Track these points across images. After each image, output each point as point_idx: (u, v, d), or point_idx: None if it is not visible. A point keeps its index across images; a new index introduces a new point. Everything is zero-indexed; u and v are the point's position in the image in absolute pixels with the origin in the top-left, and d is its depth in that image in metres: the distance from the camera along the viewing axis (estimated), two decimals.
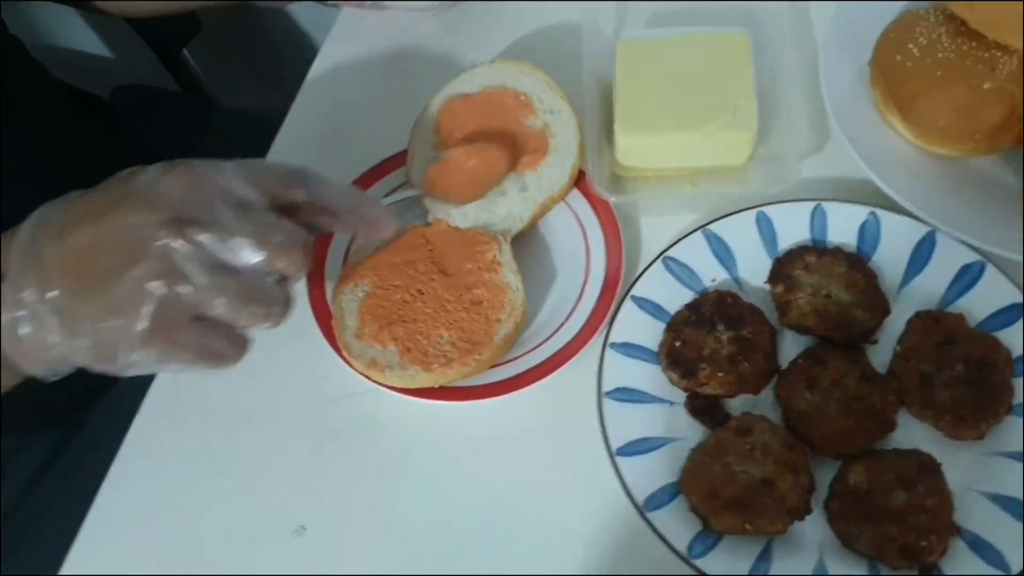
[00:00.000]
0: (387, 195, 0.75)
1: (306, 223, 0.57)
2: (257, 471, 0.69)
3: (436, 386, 0.67)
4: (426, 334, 0.68)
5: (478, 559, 0.64)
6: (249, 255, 0.53)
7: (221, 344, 0.54)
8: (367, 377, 0.68)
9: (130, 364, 0.53)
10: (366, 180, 0.77)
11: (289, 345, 0.70)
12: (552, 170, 0.73)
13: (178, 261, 0.52)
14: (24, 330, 0.53)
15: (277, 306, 0.55)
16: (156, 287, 0.51)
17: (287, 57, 1.43)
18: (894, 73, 0.72)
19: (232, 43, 1.33)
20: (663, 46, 0.76)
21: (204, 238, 0.52)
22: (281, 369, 0.72)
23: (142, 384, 0.73)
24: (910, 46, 0.71)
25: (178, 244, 0.51)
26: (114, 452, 0.72)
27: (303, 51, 1.33)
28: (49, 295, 0.52)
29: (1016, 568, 0.57)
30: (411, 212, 0.74)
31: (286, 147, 0.83)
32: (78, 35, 1.38)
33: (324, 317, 0.71)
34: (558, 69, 0.76)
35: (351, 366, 0.68)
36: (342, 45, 0.89)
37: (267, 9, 1.26)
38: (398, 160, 0.77)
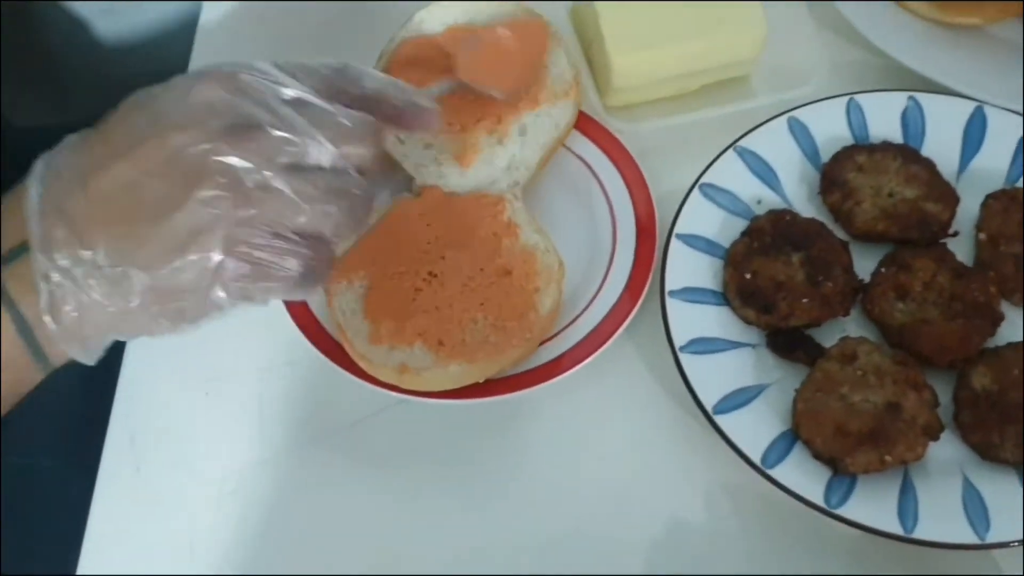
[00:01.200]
0: None
1: None
2: (276, 528, 0.67)
3: (482, 381, 0.67)
4: (457, 321, 0.67)
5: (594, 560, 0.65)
6: (321, 151, 0.53)
7: (308, 254, 0.54)
8: (396, 389, 0.66)
9: (212, 306, 0.53)
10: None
11: (277, 375, 0.70)
12: (552, 108, 0.74)
13: (244, 174, 0.51)
14: (67, 306, 0.51)
15: (361, 203, 0.55)
16: (225, 207, 0.51)
17: (66, 58, 1.36)
18: None
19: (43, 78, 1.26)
20: None
21: (267, 141, 0.52)
22: (274, 404, 0.71)
23: None
24: None
25: (239, 154, 0.51)
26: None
27: (90, 49, 1.28)
28: (89, 254, 0.51)
29: None
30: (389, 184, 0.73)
31: None
32: None
33: (313, 329, 0.70)
34: None
35: (372, 381, 0.67)
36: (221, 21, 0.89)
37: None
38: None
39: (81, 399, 0.79)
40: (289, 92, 0.54)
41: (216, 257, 0.51)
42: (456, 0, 0.77)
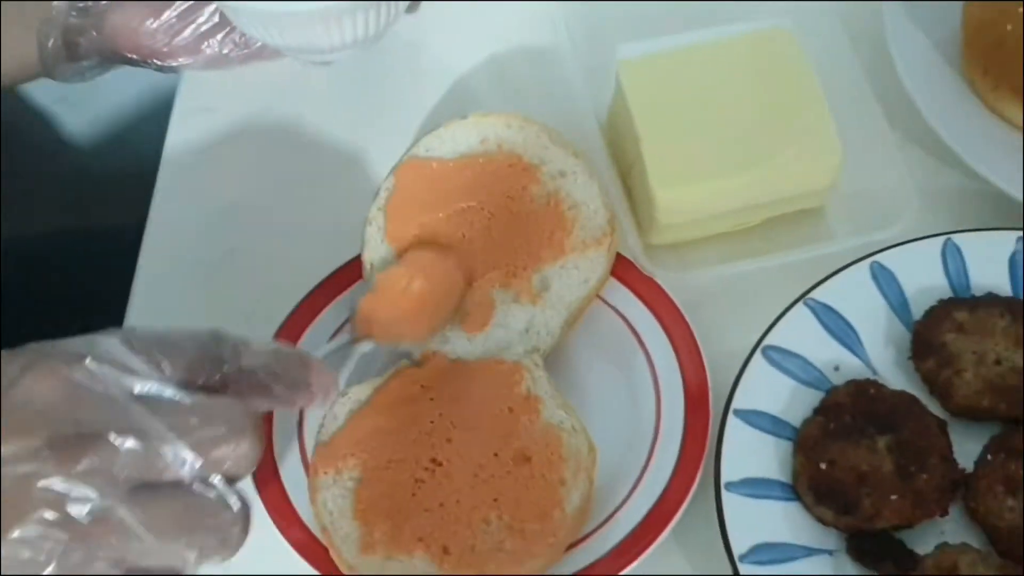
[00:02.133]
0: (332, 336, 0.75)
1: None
2: None
3: None
4: (466, 522, 0.66)
5: None
6: (180, 463, 0.52)
7: None
8: None
9: None
10: (294, 323, 0.76)
11: None
12: (581, 256, 0.74)
13: (77, 504, 0.50)
14: None
15: (232, 526, 0.54)
16: (52, 549, 0.50)
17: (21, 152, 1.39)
18: (1003, 46, 0.78)
19: None
20: (679, 60, 0.79)
21: (108, 455, 0.50)
22: None
23: None
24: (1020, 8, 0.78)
25: (71, 477, 0.50)
26: None
27: (46, 141, 1.30)
28: None
29: None
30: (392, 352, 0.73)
31: (151, 302, 0.81)
32: None
33: (293, 529, 0.69)
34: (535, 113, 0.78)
35: None
36: (197, 124, 0.89)
37: None
38: (342, 277, 0.77)
39: None
40: (141, 384, 0.52)
41: None
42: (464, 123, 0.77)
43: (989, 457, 0.67)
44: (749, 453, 0.69)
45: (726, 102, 0.77)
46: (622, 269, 0.75)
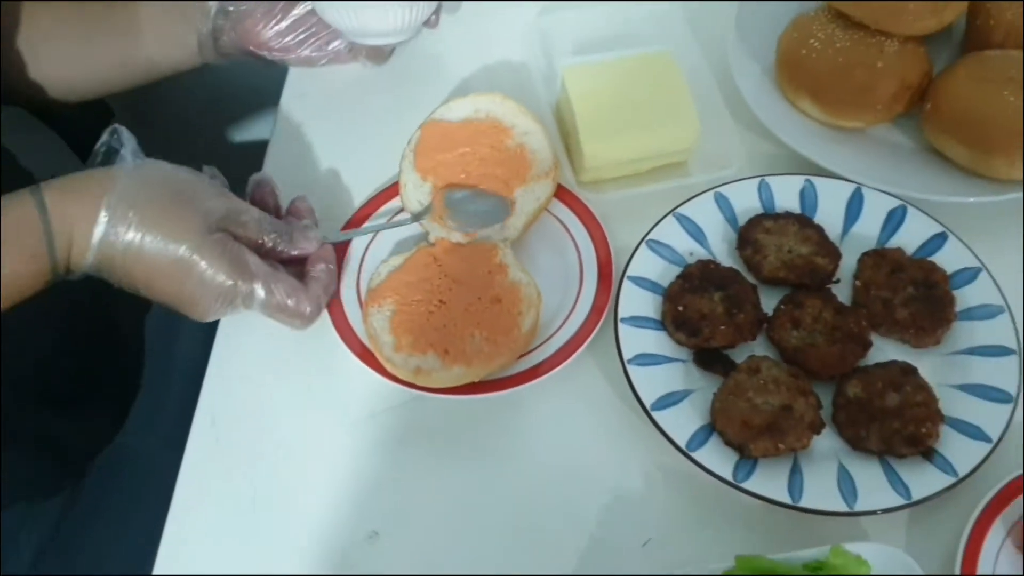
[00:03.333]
0: (391, 219, 0.78)
1: None
2: (322, 490, 0.69)
3: (478, 381, 0.69)
4: (460, 336, 0.70)
5: (544, 531, 0.67)
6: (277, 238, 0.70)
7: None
8: (412, 386, 0.69)
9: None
10: (361, 215, 0.79)
11: (324, 371, 0.73)
12: (536, 184, 0.77)
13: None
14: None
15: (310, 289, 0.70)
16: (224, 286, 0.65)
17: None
18: (801, 66, 0.82)
19: (153, 131, 1.27)
20: (602, 68, 0.82)
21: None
22: (322, 394, 0.73)
23: (147, 443, 0.76)
24: (812, 42, 0.81)
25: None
26: (117, 518, 0.76)
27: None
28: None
29: (995, 436, 0.65)
30: (413, 236, 0.77)
31: None
32: None
33: (354, 342, 0.72)
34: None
35: (395, 379, 0.69)
36: (297, 103, 0.90)
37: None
38: (384, 196, 0.80)
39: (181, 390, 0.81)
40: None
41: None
42: (466, 99, 0.81)
43: (782, 307, 0.72)
44: (636, 301, 0.73)
45: (630, 94, 0.80)
46: (562, 193, 0.79)
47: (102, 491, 0.84)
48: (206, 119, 1.15)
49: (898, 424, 0.65)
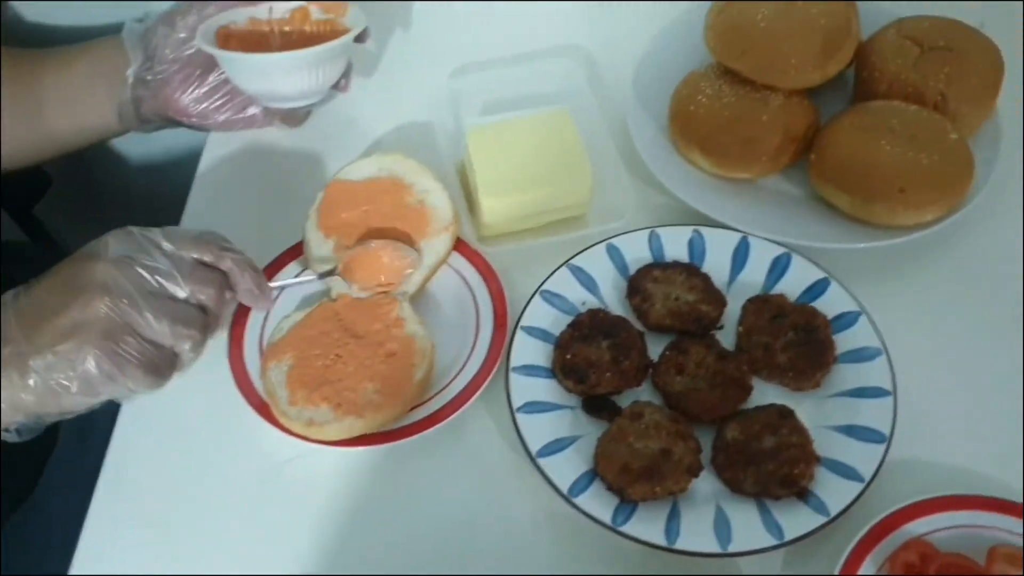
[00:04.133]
0: (295, 276, 0.81)
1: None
2: (222, 543, 0.71)
3: (370, 433, 0.71)
4: (353, 388, 0.72)
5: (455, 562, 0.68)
6: (175, 286, 0.64)
7: (158, 357, 0.63)
8: (305, 438, 0.71)
9: (86, 381, 0.61)
10: (268, 273, 0.81)
11: (226, 428, 0.74)
12: (436, 239, 0.80)
13: (118, 289, 0.61)
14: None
15: (194, 328, 0.65)
16: (101, 306, 0.61)
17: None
18: (691, 120, 0.85)
19: (89, 194, 1.31)
20: (503, 127, 0.85)
21: (139, 270, 0.62)
22: (225, 449, 0.75)
23: (86, 471, 0.74)
24: (700, 97, 0.84)
25: (117, 274, 0.61)
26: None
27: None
28: (6, 350, 0.60)
29: (868, 476, 0.67)
30: (316, 292, 0.80)
31: None
32: None
33: (254, 397, 0.74)
34: (417, 158, 0.84)
35: (290, 432, 0.71)
36: (215, 164, 0.93)
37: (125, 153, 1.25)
38: (291, 254, 0.83)
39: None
40: (165, 247, 0.65)
41: (91, 341, 0.61)
42: (369, 159, 0.84)
43: (667, 353, 0.75)
44: (528, 350, 0.75)
45: (528, 151, 0.82)
46: (463, 247, 0.81)
47: (15, 551, 0.85)
48: (141, 180, 1.17)
49: (773, 466, 0.67)
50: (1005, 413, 0.73)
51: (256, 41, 0.88)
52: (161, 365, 0.64)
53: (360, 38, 0.86)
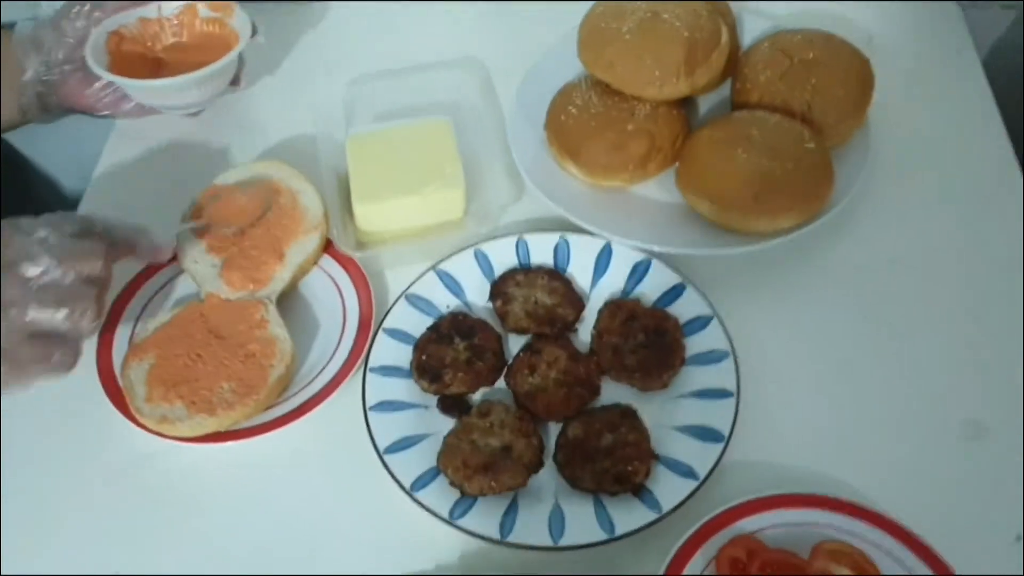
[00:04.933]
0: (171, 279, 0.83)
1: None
2: (73, 539, 0.72)
3: (223, 430, 0.73)
4: (209, 387, 0.74)
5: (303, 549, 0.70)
6: (52, 269, 0.64)
7: (57, 352, 0.64)
8: (160, 434, 0.73)
9: None
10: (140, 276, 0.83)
11: (88, 425, 0.76)
12: (305, 238, 0.83)
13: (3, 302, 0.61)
14: None
15: (86, 302, 0.65)
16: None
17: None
18: (562, 130, 0.87)
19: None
20: (383, 136, 0.88)
21: (18, 271, 0.63)
22: (79, 445, 0.76)
23: None
24: (570, 108, 0.87)
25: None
26: None
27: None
28: None
29: (703, 474, 0.69)
30: (186, 295, 0.82)
31: None
32: None
33: (115, 393, 0.76)
34: (302, 166, 0.87)
35: (145, 428, 0.73)
36: (114, 161, 0.97)
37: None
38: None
39: None
40: (41, 235, 0.65)
41: None
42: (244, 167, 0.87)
43: (521, 354, 0.76)
44: (389, 351, 0.77)
45: (405, 159, 0.84)
46: (332, 249, 0.84)
47: None
48: (40, 179, 1.19)
49: (609, 463, 0.69)
50: (844, 415, 0.74)
51: (147, 43, 0.91)
52: (64, 358, 0.65)
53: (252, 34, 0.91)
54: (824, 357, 0.78)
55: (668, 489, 0.69)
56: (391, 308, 0.79)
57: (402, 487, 0.69)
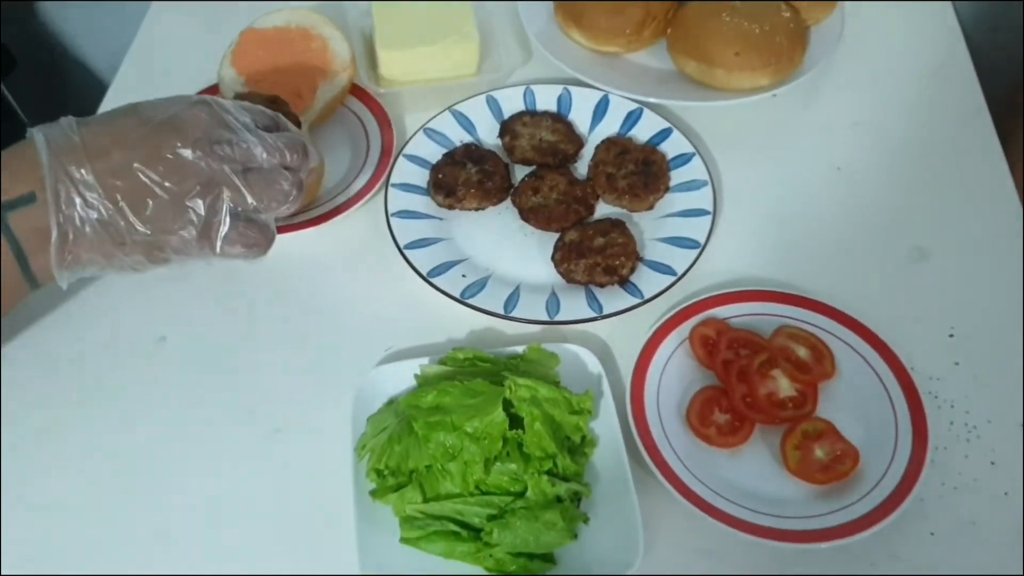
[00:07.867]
0: None
1: None
2: (113, 300, 0.83)
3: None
4: None
5: (321, 343, 0.80)
6: (263, 155, 0.66)
7: (256, 235, 0.67)
8: None
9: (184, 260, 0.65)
10: None
11: None
12: (335, 77, 0.93)
13: (212, 170, 0.63)
14: (67, 244, 0.60)
15: (292, 189, 0.68)
16: (200, 195, 0.63)
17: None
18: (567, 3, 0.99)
19: (52, 77, 1.42)
20: (407, 3, 0.99)
21: (230, 148, 0.64)
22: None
23: None
24: None
25: (211, 156, 0.63)
26: None
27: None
28: (93, 213, 0.60)
29: (680, 271, 0.80)
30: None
31: None
32: None
33: None
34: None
35: None
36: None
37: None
38: (211, 91, 0.95)
39: None
40: (243, 120, 0.67)
41: (190, 234, 0.63)
42: (279, 12, 0.96)
43: (526, 178, 0.88)
44: (407, 172, 0.88)
45: (426, 15, 0.96)
46: (362, 94, 0.95)
47: None
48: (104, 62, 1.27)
49: (599, 259, 0.81)
50: (810, 241, 0.86)
51: None
52: (261, 240, 0.67)
53: None
54: (793, 195, 0.90)
55: (650, 283, 0.80)
56: (410, 139, 0.90)
57: (420, 274, 0.80)
